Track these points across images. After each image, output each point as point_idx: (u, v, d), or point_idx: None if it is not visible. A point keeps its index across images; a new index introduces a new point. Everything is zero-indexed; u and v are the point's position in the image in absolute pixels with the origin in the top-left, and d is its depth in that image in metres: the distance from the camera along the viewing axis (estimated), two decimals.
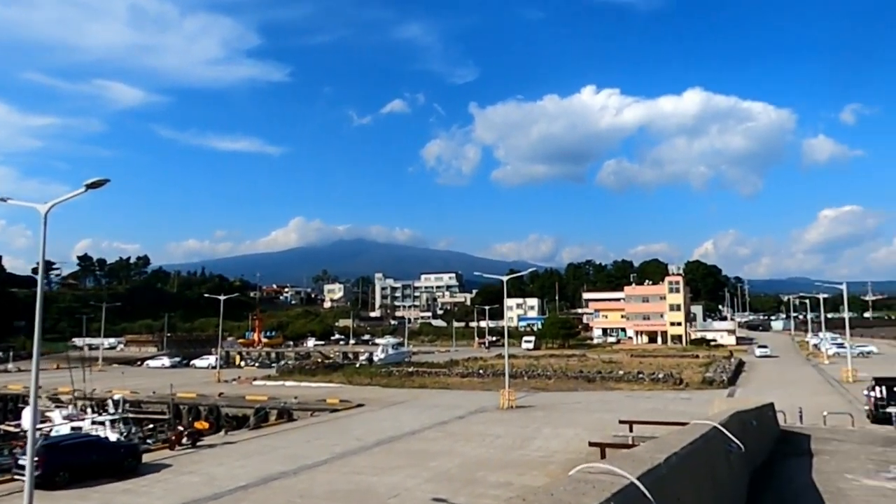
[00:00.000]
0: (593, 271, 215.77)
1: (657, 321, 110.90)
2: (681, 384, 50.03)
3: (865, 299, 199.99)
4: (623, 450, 7.55)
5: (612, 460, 3.44)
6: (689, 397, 43.06)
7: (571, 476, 3.00)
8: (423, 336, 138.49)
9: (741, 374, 60.04)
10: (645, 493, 2.85)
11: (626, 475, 2.90)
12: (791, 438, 22.27)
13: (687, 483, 4.27)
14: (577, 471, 3.07)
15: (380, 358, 74.81)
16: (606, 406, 38.59)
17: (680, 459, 4.18)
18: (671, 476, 3.68)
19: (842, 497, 10.36)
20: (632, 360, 74.18)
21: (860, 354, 74.58)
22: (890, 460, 16.43)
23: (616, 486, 2.72)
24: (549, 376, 56.88)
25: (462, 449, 27.07)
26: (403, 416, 37.96)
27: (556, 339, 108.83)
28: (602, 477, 2.90)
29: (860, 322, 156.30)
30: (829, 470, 14.07)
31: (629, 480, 2.85)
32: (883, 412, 29.29)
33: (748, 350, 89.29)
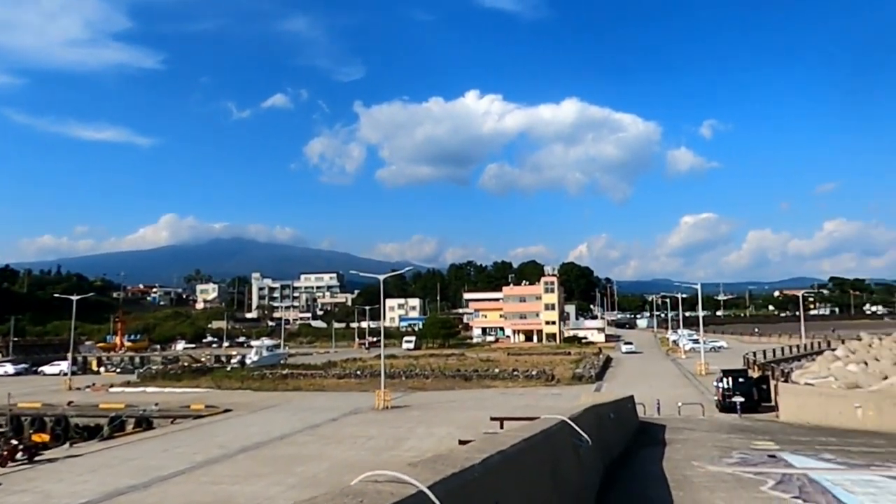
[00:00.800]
0: (474, 272, 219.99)
1: (533, 320, 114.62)
2: (553, 380, 51.69)
3: (718, 299, 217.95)
4: (438, 453, 7.19)
5: (416, 464, 2.94)
6: (559, 393, 44.50)
7: (350, 487, 2.47)
8: (302, 337, 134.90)
9: (608, 369, 63.03)
10: (435, 502, 2.38)
11: (415, 483, 2.41)
12: (649, 429, 23.35)
13: (512, 482, 3.91)
14: (363, 479, 2.53)
15: (253, 360, 71.76)
16: (481, 404, 39.00)
17: (505, 458, 3.79)
18: (488, 477, 3.26)
19: (687, 484, 10.67)
20: (508, 358, 75.96)
21: (712, 349, 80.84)
22: (733, 446, 17.48)
23: (395, 497, 2.24)
24: (427, 376, 56.91)
25: (332, 452, 26.18)
26: (273, 420, 36.36)
27: (436, 338, 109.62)
28: (385, 487, 2.41)
29: (713, 320, 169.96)
30: (678, 458, 14.65)
31: (416, 489, 2.37)
32: (729, 401, 31.55)
33: (615, 347, 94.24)
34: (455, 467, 2.96)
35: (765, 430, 23.83)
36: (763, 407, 32.64)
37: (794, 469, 12.51)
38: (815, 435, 21.30)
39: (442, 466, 2.96)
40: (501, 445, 3.96)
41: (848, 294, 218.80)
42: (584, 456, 8.38)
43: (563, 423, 7.07)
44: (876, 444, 18.59)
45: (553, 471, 5.59)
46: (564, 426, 7.06)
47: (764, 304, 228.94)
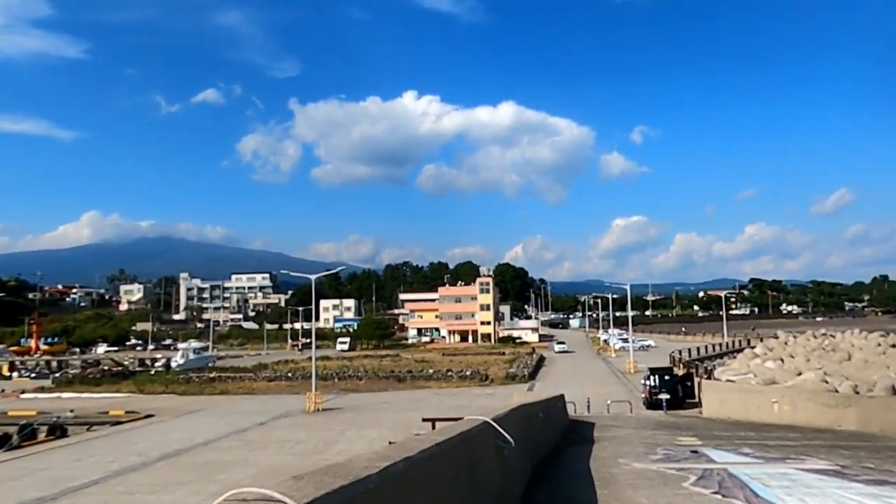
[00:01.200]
0: (410, 272, 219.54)
1: (469, 321, 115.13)
2: (486, 380, 51.92)
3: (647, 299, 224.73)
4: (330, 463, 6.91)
5: (301, 477, 2.60)
6: (492, 393, 44.70)
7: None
8: (233, 339, 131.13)
9: (541, 368, 63.87)
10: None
11: (285, 501, 2.07)
12: (578, 427, 23.60)
13: (420, 491, 3.62)
14: (227, 498, 2.18)
15: (179, 363, 69.09)
16: (414, 405, 38.69)
17: (412, 465, 3.50)
18: (387, 488, 2.96)
19: (612, 481, 10.68)
20: (443, 358, 75.91)
21: (641, 348, 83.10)
22: (658, 443, 17.79)
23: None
24: (360, 377, 56.18)
25: (258, 458, 25.33)
26: (198, 425, 35.00)
27: (371, 339, 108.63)
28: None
29: (642, 319, 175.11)
30: (605, 456, 14.74)
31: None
32: (656, 399, 32.35)
33: (549, 347, 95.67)
34: (347, 479, 2.65)
35: (689, 426, 24.47)
36: (688, 403, 33.61)
37: (715, 464, 12.76)
38: (735, 430, 21.99)
39: (331, 479, 2.64)
40: (409, 451, 3.67)
41: (766, 294, 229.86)
42: (509, 457, 8.20)
43: (485, 424, 6.84)
44: (791, 437, 19.31)
45: (471, 474, 5.34)
46: (487, 427, 6.83)
47: (689, 305, 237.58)
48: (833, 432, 21.16)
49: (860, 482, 10.01)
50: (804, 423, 23.53)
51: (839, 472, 11.38)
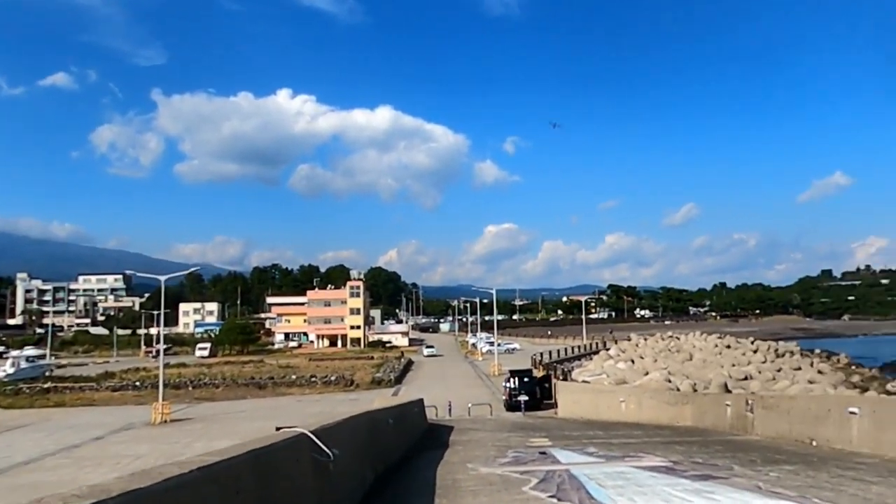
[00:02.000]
0: (280, 275, 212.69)
1: (338, 325, 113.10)
2: (352, 385, 50.91)
3: (515, 304, 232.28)
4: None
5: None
6: (356, 398, 43.76)
7: None
8: (78, 346, 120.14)
9: (409, 372, 63.73)
10: None
11: None
12: (436, 432, 23.39)
13: None
14: None
15: (7, 373, 61.89)
16: (273, 413, 36.98)
17: (140, 499, 2.75)
18: None
19: (454, 489, 10.34)
20: (310, 363, 73.84)
21: (507, 351, 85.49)
22: (510, 445, 17.85)
23: None
24: (217, 385, 53.12)
25: (88, 477, 22.83)
26: (22, 442, 31.28)
27: (234, 345, 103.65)
28: None
29: (510, 323, 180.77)
30: (455, 461, 14.46)
31: None
32: (515, 400, 33.02)
33: (418, 351, 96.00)
34: None
35: (543, 426, 25.05)
36: (546, 404, 34.64)
37: (560, 465, 12.82)
38: (585, 429, 22.70)
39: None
40: (142, 482, 2.93)
41: (622, 300, 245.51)
42: (334, 471, 7.55)
43: (300, 437, 6.15)
44: (634, 435, 20.14)
45: (262, 497, 4.64)
46: (300, 441, 6.14)
47: (554, 309, 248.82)
48: (672, 428, 22.42)
49: (688, 478, 10.34)
50: (648, 421, 24.82)
51: (671, 468, 11.77)
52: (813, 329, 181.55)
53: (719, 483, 9.71)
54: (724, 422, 20.47)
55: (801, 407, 15.95)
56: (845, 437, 13.97)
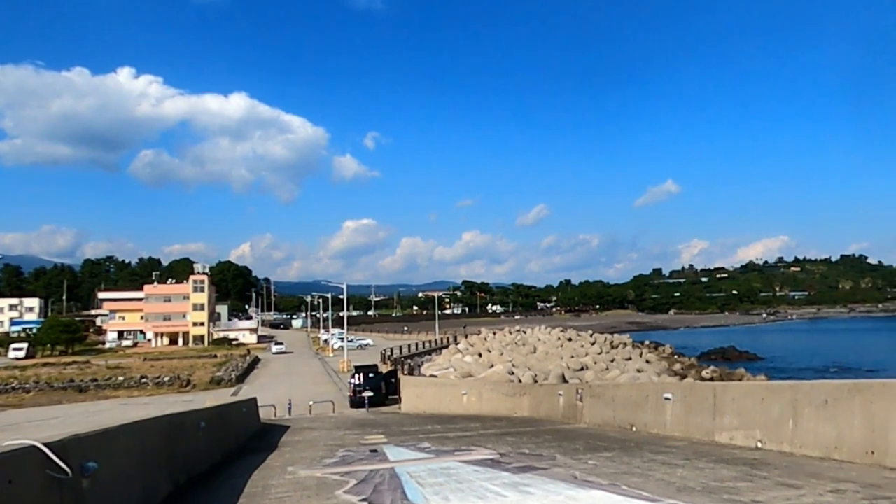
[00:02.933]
0: (116, 269, 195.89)
1: (180, 322, 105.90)
2: (188, 386, 47.53)
3: (371, 300, 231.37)
4: None
5: None
6: (191, 399, 40.84)
7: None
8: None
9: (253, 371, 60.85)
10: None
11: None
12: (268, 433, 22.03)
13: None
14: None
15: None
16: (89, 419, 33.34)
17: None
18: None
19: (262, 495, 9.39)
20: (143, 364, 68.30)
21: (359, 347, 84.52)
22: (344, 444, 17.02)
23: None
24: (28, 389, 47.34)
25: None
26: None
27: (56, 344, 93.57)
28: None
29: (365, 319, 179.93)
30: (277, 464, 13.42)
31: None
32: (359, 397, 32.21)
33: (267, 348, 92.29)
34: None
35: (384, 423, 24.48)
36: (391, 399, 34.17)
37: (386, 464, 12.22)
38: (425, 424, 22.40)
39: None
40: None
41: (476, 295, 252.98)
42: (101, 485, 6.34)
43: (28, 451, 4.93)
44: (472, 427, 20.11)
45: None
46: (27, 457, 4.93)
47: (410, 305, 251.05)
48: (509, 419, 22.75)
49: (509, 470, 10.14)
50: (488, 413, 25.07)
51: (497, 461, 11.57)
52: (644, 322, 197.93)
53: (538, 474, 9.56)
54: (557, 411, 21.03)
55: (624, 395, 16.58)
56: (661, 422, 14.63)
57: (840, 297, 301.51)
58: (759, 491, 7.30)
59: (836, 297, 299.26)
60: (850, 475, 7.92)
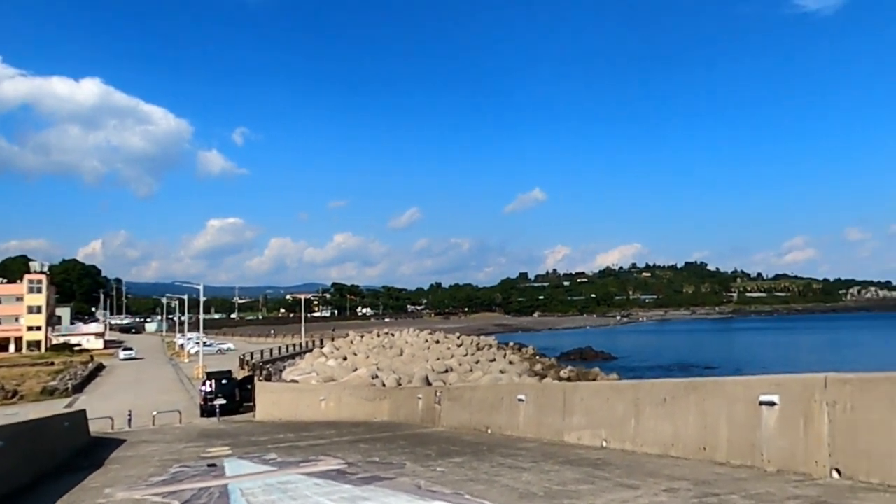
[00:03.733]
0: None
1: (12, 326, 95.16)
2: (14, 397, 42.48)
3: (235, 302, 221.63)
4: None
5: None
6: (16, 413, 36.30)
7: None
8: None
9: (95, 379, 55.75)
10: None
11: None
12: (97, 448, 19.83)
13: None
14: None
15: None
16: None
17: None
18: None
19: None
20: None
21: (219, 352, 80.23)
22: (181, 458, 15.58)
23: None
24: None
25: None
26: None
27: None
28: None
29: (227, 322, 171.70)
30: (95, 485, 11.89)
31: None
32: (210, 405, 30.15)
33: (115, 353, 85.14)
34: None
35: (234, 432, 22.95)
36: (246, 407, 32.33)
37: (221, 480, 11.14)
38: (277, 432, 21.20)
39: None
40: None
41: (346, 298, 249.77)
42: None
43: None
44: (326, 434, 19.22)
45: None
46: None
47: (277, 307, 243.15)
48: (368, 424, 22.06)
49: (353, 482, 9.50)
50: (347, 418, 24.23)
51: (342, 472, 10.89)
52: (510, 325, 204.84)
53: (382, 486, 8.98)
54: (416, 415, 20.64)
55: (480, 397, 16.45)
56: (514, 424, 14.58)
57: (684, 300, 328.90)
58: (598, 493, 7.17)
59: (681, 301, 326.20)
60: (685, 472, 8.03)
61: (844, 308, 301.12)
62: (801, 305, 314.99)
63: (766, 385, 8.29)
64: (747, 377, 9.13)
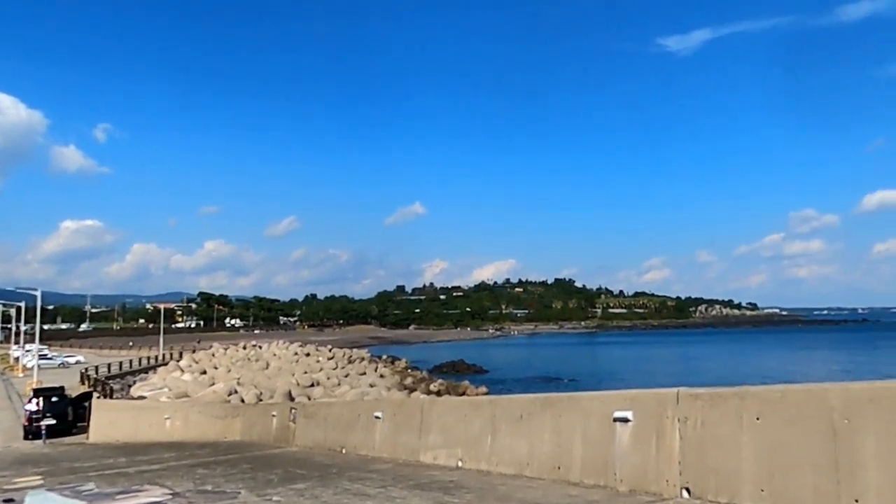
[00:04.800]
0: None
1: None
2: None
3: (87, 311, 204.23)
4: None
5: None
6: None
7: None
8: None
9: None
10: None
11: None
12: None
13: None
14: None
15: None
16: None
17: None
18: None
19: None
20: None
21: (62, 365, 72.99)
22: None
23: None
24: None
25: None
26: None
27: None
28: None
29: (74, 333, 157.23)
30: None
31: None
32: (36, 426, 26.65)
33: None
34: None
35: (58, 458, 20.22)
36: (81, 427, 28.97)
37: None
38: (109, 456, 18.88)
39: None
40: None
41: (213, 308, 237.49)
42: None
43: None
44: (164, 458, 17.30)
45: None
46: None
47: (136, 317, 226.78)
48: (216, 445, 20.23)
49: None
50: (195, 438, 22.19)
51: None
52: (385, 337, 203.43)
53: None
54: (270, 433, 19.15)
55: (336, 414, 15.41)
56: (370, 443, 13.68)
57: (553, 315, 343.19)
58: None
59: (550, 315, 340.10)
60: (537, 496, 7.51)
61: (693, 324, 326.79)
62: (657, 321, 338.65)
63: (621, 400, 7.99)
64: (603, 392, 8.83)
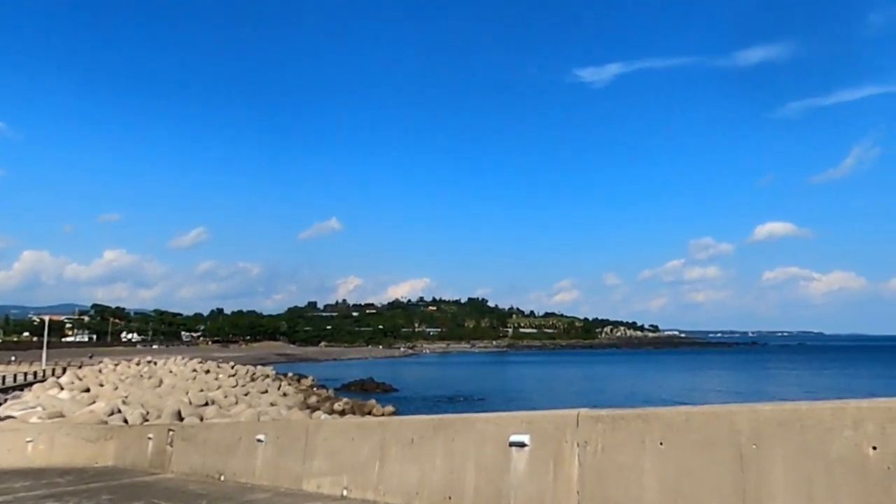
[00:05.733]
0: None
1: None
2: None
3: None
4: None
5: None
6: None
7: None
8: None
9: None
10: None
11: None
12: None
13: None
14: None
15: None
16: None
17: None
18: None
19: None
20: None
21: None
22: None
23: None
24: None
25: None
26: None
27: None
28: None
29: None
30: None
31: None
32: None
33: None
34: None
35: None
36: None
37: None
38: None
39: None
40: None
41: (109, 321, 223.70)
42: None
43: None
44: (14, 487, 15.18)
45: None
46: None
47: (19, 330, 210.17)
48: (82, 472, 18.14)
49: None
50: (61, 464, 19.88)
51: None
52: (294, 354, 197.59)
53: None
54: (145, 458, 17.32)
55: (217, 437, 14.00)
56: (251, 469, 12.39)
57: (465, 334, 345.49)
58: None
59: (462, 334, 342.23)
60: None
61: (599, 344, 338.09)
62: (566, 341, 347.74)
63: (518, 423, 7.26)
64: (499, 414, 8.09)
